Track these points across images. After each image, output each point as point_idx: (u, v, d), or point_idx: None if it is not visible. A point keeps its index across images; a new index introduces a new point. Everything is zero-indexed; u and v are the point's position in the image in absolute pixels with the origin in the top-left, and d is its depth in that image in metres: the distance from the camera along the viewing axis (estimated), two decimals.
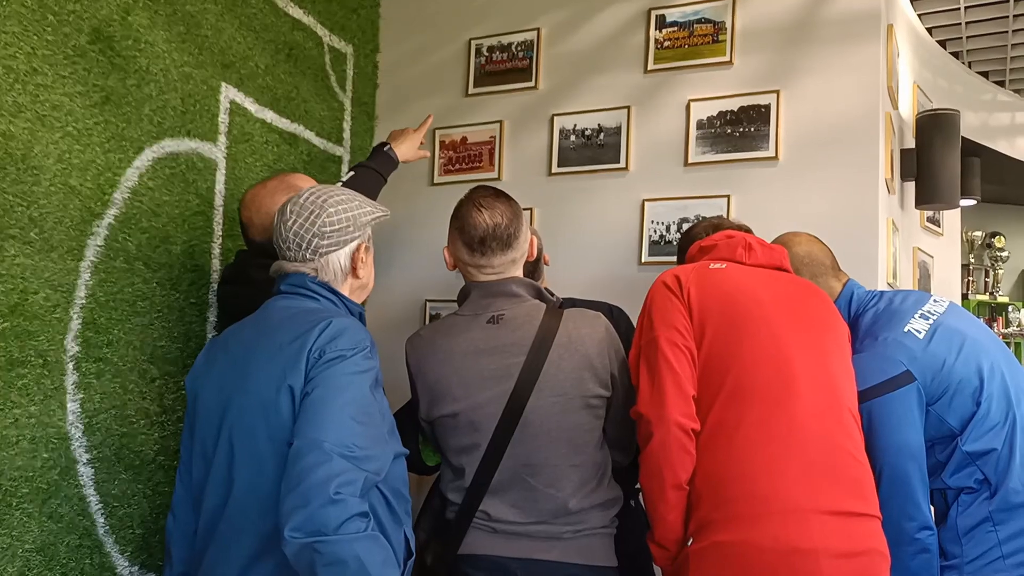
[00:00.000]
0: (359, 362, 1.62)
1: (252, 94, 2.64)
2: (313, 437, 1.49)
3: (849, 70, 2.63)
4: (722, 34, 2.78)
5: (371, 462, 1.54)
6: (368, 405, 1.60)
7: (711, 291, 1.85)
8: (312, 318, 1.67)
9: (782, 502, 1.62)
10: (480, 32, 3.16)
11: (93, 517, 2.06)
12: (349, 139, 3.13)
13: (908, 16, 3.43)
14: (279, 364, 1.62)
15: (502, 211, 1.92)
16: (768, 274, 1.94)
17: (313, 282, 1.78)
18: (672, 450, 1.70)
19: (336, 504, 1.42)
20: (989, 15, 3.61)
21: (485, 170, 3.08)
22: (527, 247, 2.01)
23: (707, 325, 1.80)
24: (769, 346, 1.77)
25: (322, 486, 1.43)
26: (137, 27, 2.21)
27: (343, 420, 1.53)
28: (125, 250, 2.17)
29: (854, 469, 1.71)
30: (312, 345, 1.62)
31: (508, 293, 1.93)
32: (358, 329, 1.69)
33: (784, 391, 1.71)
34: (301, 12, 2.86)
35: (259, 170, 2.64)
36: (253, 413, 1.63)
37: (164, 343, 2.27)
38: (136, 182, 2.21)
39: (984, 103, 4.35)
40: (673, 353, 1.77)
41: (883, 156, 2.61)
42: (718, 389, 1.74)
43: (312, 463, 1.46)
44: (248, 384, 1.65)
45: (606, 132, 2.90)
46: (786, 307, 1.85)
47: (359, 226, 1.81)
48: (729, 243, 1.99)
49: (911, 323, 2.02)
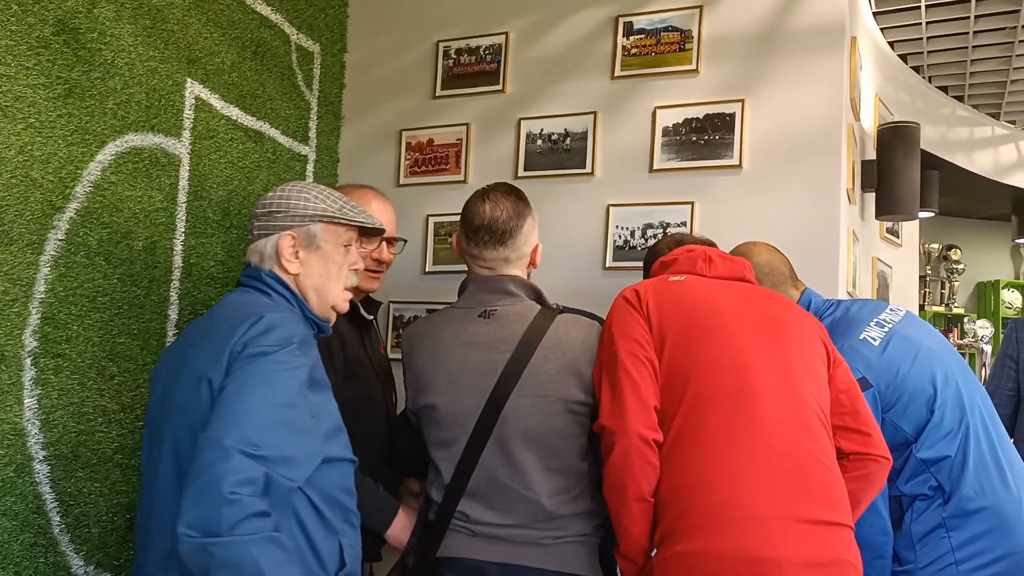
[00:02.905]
0: (282, 358, 1.56)
1: (218, 90, 2.62)
2: (215, 433, 1.44)
3: (813, 81, 2.67)
4: (689, 43, 2.81)
5: (286, 464, 1.48)
6: (290, 404, 1.54)
7: (669, 302, 1.85)
8: (246, 312, 1.63)
9: (743, 509, 1.58)
10: (448, 34, 3.16)
11: (48, 515, 2.03)
12: (315, 138, 3.12)
13: (871, 30, 3.49)
14: (204, 357, 1.59)
15: (505, 207, 1.95)
16: (728, 285, 1.94)
17: (269, 275, 1.76)
18: (634, 461, 1.68)
19: (231, 504, 1.37)
20: (950, 31, 3.69)
21: (451, 172, 3.08)
22: (527, 251, 2.01)
23: (667, 335, 1.80)
24: (728, 354, 1.76)
25: (216, 484, 1.38)
26: (103, 19, 2.19)
27: (253, 417, 1.47)
28: (86, 245, 2.14)
29: (823, 476, 1.66)
30: (236, 339, 1.57)
31: (503, 290, 1.94)
32: (290, 325, 1.63)
33: (744, 398, 1.69)
34: (269, 10, 2.85)
35: (223, 167, 2.62)
36: (180, 407, 1.60)
37: (124, 340, 2.24)
38: (98, 176, 2.18)
39: (943, 117, 4.45)
40: (633, 364, 1.76)
41: (845, 167, 2.66)
42: (679, 399, 1.73)
43: (209, 460, 1.41)
44: (181, 377, 1.62)
45: (573, 137, 2.92)
46: (746, 315, 1.84)
47: (292, 216, 1.77)
48: (689, 256, 2.00)
49: (866, 331, 2.06)
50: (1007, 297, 6.74)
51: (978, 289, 6.87)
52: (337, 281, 1.83)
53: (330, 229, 1.81)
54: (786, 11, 2.73)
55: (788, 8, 2.73)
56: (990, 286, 6.73)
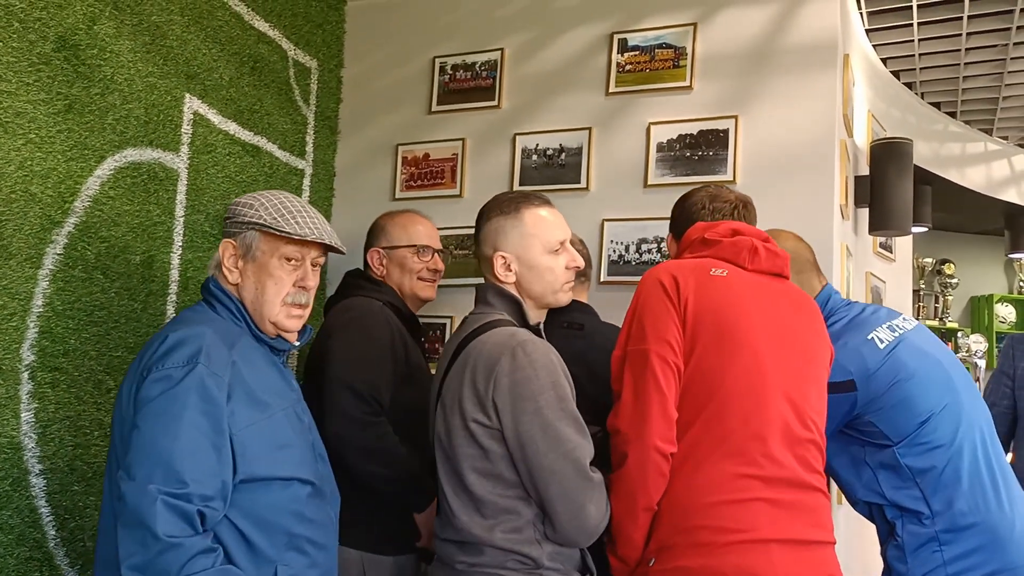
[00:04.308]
0: (190, 382, 1.49)
1: (216, 105, 2.64)
2: (138, 473, 1.41)
3: (806, 98, 2.70)
4: (683, 59, 2.83)
5: (210, 495, 1.45)
6: (201, 430, 1.47)
7: (708, 304, 1.76)
8: (165, 330, 1.60)
9: (748, 534, 1.63)
10: (444, 50, 3.19)
11: (44, 529, 2.03)
12: (312, 153, 3.13)
13: (863, 47, 3.53)
14: (129, 376, 1.58)
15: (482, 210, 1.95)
16: (766, 285, 1.87)
17: (213, 284, 1.71)
18: (649, 474, 1.67)
19: (174, 548, 1.37)
20: (942, 48, 3.72)
21: (447, 187, 3.10)
22: (484, 251, 1.90)
23: (697, 341, 1.73)
24: (753, 377, 1.72)
25: (151, 530, 1.36)
26: (103, 36, 2.21)
27: (170, 453, 1.43)
28: (84, 259, 2.15)
29: (813, 499, 1.73)
30: (144, 362, 1.53)
31: (482, 298, 1.89)
32: (200, 339, 1.55)
33: (760, 425, 1.69)
34: (267, 26, 2.87)
35: (221, 181, 2.64)
36: (115, 421, 1.60)
37: (121, 353, 2.25)
38: (97, 191, 2.20)
39: (936, 133, 4.48)
40: (663, 371, 1.70)
41: (838, 182, 2.68)
42: (700, 409, 1.70)
43: (135, 504, 1.39)
44: (120, 391, 1.62)
45: (567, 152, 2.94)
46: (776, 331, 1.80)
47: (234, 223, 1.73)
48: (735, 246, 1.88)
49: (876, 332, 2.05)
50: (1001, 311, 6.76)
51: (972, 303, 6.90)
52: (274, 296, 1.71)
53: (266, 239, 1.71)
54: (779, 29, 2.76)
55: (781, 26, 2.76)
56: (984, 300, 6.75)
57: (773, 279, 1.90)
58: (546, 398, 1.65)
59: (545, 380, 1.67)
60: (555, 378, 1.69)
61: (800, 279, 2.11)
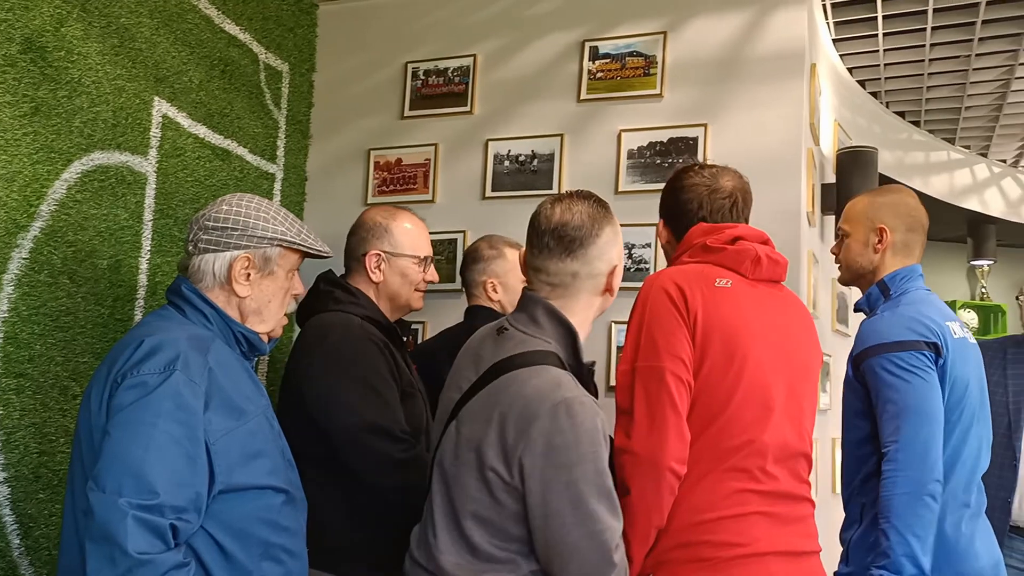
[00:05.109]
0: (166, 390, 1.45)
1: (185, 109, 2.62)
2: (107, 484, 1.36)
3: (774, 107, 2.73)
4: (653, 68, 2.86)
5: (184, 507, 1.40)
6: (177, 440, 1.43)
7: (716, 320, 1.72)
8: (135, 335, 1.55)
9: (746, 547, 1.65)
10: (417, 56, 3.19)
11: (8, 538, 2.00)
12: (283, 157, 3.12)
13: (830, 56, 3.58)
14: (97, 383, 1.53)
15: (579, 211, 1.71)
16: (768, 296, 1.85)
17: (189, 290, 1.65)
18: (664, 496, 1.64)
19: (144, 565, 1.33)
20: (907, 58, 3.79)
21: (420, 192, 3.10)
22: (602, 268, 1.68)
23: (706, 357, 1.70)
24: (759, 394, 1.72)
25: (121, 547, 1.32)
26: (70, 38, 2.18)
27: (142, 463, 1.38)
28: (50, 263, 2.13)
29: (803, 510, 1.77)
30: (117, 369, 1.48)
31: (530, 315, 1.67)
32: (176, 345, 1.51)
33: (762, 443, 1.71)
34: (237, 29, 2.86)
35: (190, 185, 2.62)
36: (80, 427, 1.55)
37: (87, 359, 2.23)
38: (64, 195, 2.17)
39: (900, 142, 4.55)
40: (678, 390, 1.66)
41: (805, 190, 2.72)
42: (702, 429, 1.69)
43: (104, 519, 1.34)
44: (88, 397, 1.56)
45: (539, 158, 2.96)
46: (779, 346, 1.79)
47: (249, 236, 1.66)
48: (737, 255, 1.83)
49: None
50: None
51: None
52: (280, 307, 1.74)
53: (285, 254, 1.72)
54: (748, 38, 2.79)
55: (750, 35, 2.79)
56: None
57: (772, 287, 1.89)
58: (583, 470, 1.46)
59: (587, 450, 1.47)
60: (596, 448, 1.49)
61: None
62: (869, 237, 2.19)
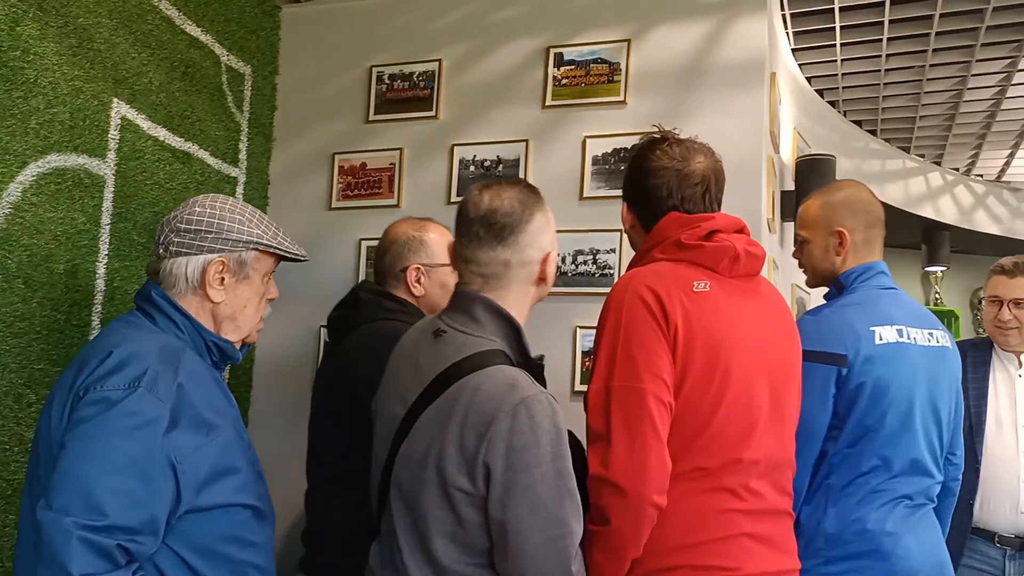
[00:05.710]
0: (130, 407, 1.39)
1: (145, 111, 2.58)
2: (56, 502, 1.31)
3: (735, 115, 2.76)
4: (617, 75, 2.88)
5: (137, 529, 1.35)
6: (135, 460, 1.37)
7: (698, 330, 1.61)
8: (102, 344, 1.49)
9: (731, 571, 1.59)
10: (382, 60, 3.17)
11: None
12: (245, 160, 3.09)
13: (790, 66, 3.63)
14: (59, 393, 1.48)
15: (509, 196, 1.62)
16: (746, 293, 1.75)
17: (159, 296, 1.59)
18: (643, 528, 1.54)
19: None
20: (863, 68, 3.86)
21: (384, 197, 3.08)
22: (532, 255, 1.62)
23: (688, 373, 1.59)
24: (743, 409, 1.64)
25: (66, 570, 1.27)
26: (26, 38, 2.14)
27: (96, 483, 1.33)
28: (4, 268, 2.08)
29: (785, 526, 1.72)
30: (81, 380, 1.43)
31: (467, 312, 1.61)
32: (147, 358, 1.45)
33: (748, 460, 1.64)
34: (199, 31, 2.82)
35: (149, 188, 2.58)
36: (39, 436, 1.50)
37: (43, 366, 2.18)
38: (19, 197, 2.13)
39: (857, 150, 4.63)
40: (660, 414, 1.54)
41: (765, 197, 2.75)
42: (683, 449, 1.59)
43: (51, 540, 1.29)
44: (49, 407, 1.50)
45: (505, 164, 2.96)
46: (761, 350, 1.70)
47: (224, 239, 1.61)
48: (715, 253, 1.71)
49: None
50: None
51: None
52: (256, 313, 1.70)
53: (261, 258, 1.68)
54: (709, 47, 2.82)
55: (712, 44, 2.82)
56: None
57: (749, 280, 1.78)
58: (543, 472, 1.42)
59: (545, 450, 1.42)
60: (556, 448, 1.44)
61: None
62: (829, 241, 2.19)
